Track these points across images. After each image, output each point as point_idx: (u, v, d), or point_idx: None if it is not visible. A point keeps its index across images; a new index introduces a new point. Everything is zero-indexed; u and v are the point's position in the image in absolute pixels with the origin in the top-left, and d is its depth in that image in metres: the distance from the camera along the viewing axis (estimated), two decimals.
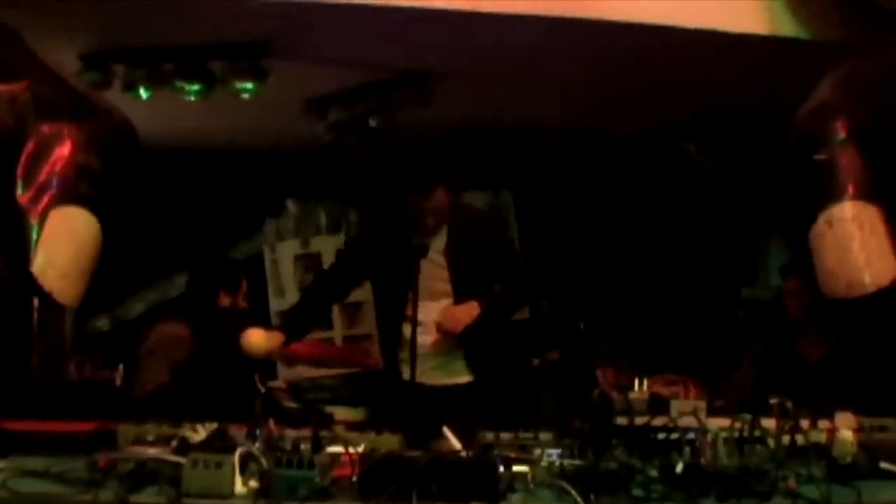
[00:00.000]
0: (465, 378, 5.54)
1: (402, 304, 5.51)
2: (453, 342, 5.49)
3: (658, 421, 4.12)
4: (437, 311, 5.48)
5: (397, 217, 5.58)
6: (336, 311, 8.29)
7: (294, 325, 5.83)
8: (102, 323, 9.30)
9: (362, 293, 6.31)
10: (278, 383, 6.36)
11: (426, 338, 5.46)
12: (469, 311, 5.46)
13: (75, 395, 6.00)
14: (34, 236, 5.93)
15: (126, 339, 8.47)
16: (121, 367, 6.51)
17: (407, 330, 5.46)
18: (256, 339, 5.53)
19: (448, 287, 5.54)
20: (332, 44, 6.99)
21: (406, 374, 5.45)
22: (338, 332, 8.29)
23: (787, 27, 6.43)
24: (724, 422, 3.88)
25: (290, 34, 6.84)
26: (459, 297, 5.52)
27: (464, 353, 5.54)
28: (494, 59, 7.14)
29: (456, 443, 3.74)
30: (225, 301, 6.30)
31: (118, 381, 6.50)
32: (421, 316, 5.43)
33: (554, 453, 3.59)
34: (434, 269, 5.51)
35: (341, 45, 7.00)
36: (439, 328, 5.46)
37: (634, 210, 9.35)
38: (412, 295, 5.26)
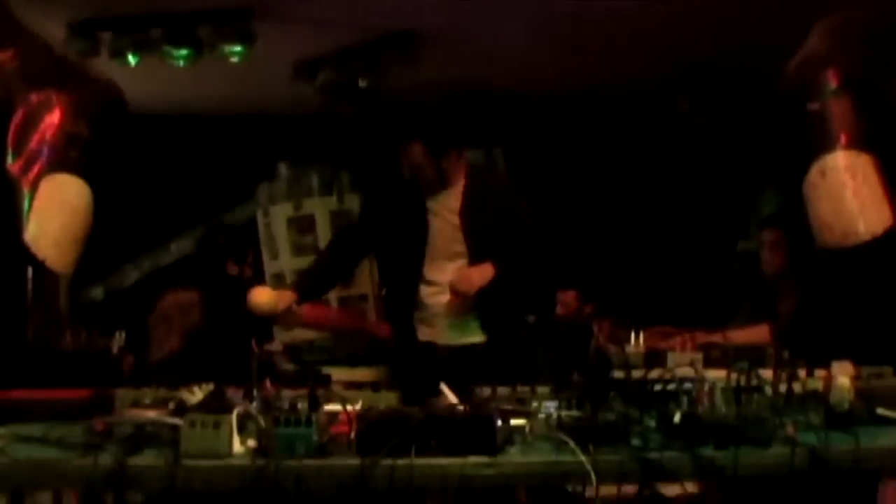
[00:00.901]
0: (478, 338, 5.54)
1: (415, 264, 5.53)
2: (467, 303, 5.49)
3: (655, 374, 4.12)
4: (452, 272, 5.48)
5: (397, 176, 5.58)
6: None
7: (310, 285, 5.83)
8: (97, 292, 9.30)
9: None
10: (275, 346, 6.36)
11: (440, 298, 5.47)
12: (483, 273, 5.43)
13: (72, 363, 6.00)
14: (26, 205, 5.92)
15: (122, 307, 8.50)
16: (117, 334, 6.50)
17: (422, 290, 5.49)
18: (265, 296, 5.52)
19: (463, 248, 5.53)
20: (319, 6, 6.96)
21: (422, 335, 5.49)
22: (333, 293, 8.28)
23: None
24: (721, 373, 3.88)
25: None
26: (474, 258, 5.49)
27: (477, 314, 5.53)
28: (484, 18, 7.12)
29: (453, 398, 3.74)
30: (233, 270, 6.34)
31: (114, 350, 6.49)
32: (436, 276, 5.46)
33: (551, 406, 3.58)
34: (449, 230, 5.51)
35: (329, 6, 6.97)
36: (452, 289, 5.45)
37: (628, 166, 9.34)
38: (426, 255, 5.39)
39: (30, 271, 5.93)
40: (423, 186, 5.51)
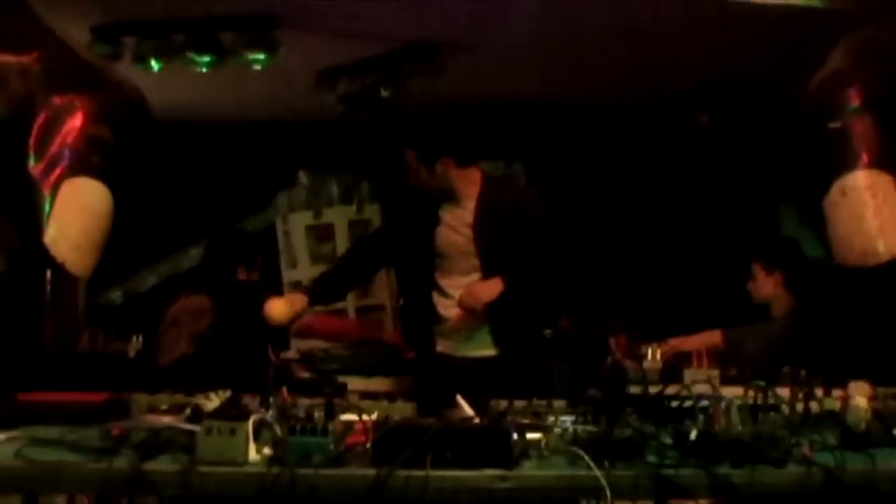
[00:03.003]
0: (491, 351, 5.54)
1: (430, 276, 5.56)
2: (478, 317, 5.49)
3: (671, 390, 4.12)
4: (466, 285, 5.50)
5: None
6: None
7: (324, 289, 5.85)
8: (115, 295, 9.33)
9: None
10: (291, 354, 6.38)
11: (455, 310, 5.48)
12: (490, 289, 5.43)
13: (88, 366, 6.02)
14: (46, 208, 5.93)
15: (139, 311, 8.52)
16: (134, 338, 6.53)
17: (440, 303, 5.51)
18: (279, 308, 5.55)
19: (477, 261, 5.54)
20: (342, 15, 6.97)
21: (440, 347, 5.52)
22: (350, 303, 8.30)
23: None
24: (738, 391, 3.88)
25: (300, 5, 6.83)
26: (488, 272, 5.49)
27: (490, 327, 5.53)
28: (506, 30, 7.13)
29: (469, 410, 3.74)
30: (242, 276, 6.36)
31: (131, 353, 6.52)
32: (451, 289, 5.48)
33: (567, 420, 3.58)
34: (464, 243, 5.52)
35: (352, 16, 6.99)
36: (461, 304, 5.46)
37: (647, 180, 9.33)
38: (443, 267, 5.46)
39: (48, 274, 5.94)
40: (430, 195, 5.53)
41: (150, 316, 6.72)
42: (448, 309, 5.53)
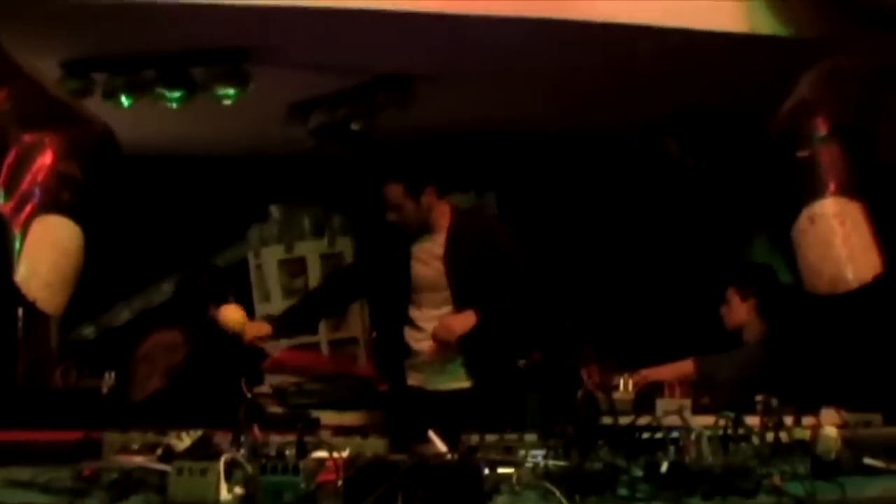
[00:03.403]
0: (465, 383, 5.54)
1: (402, 310, 5.57)
2: (452, 349, 5.49)
3: (643, 420, 4.13)
4: (438, 318, 5.50)
5: (385, 220, 5.60)
6: None
7: (291, 321, 5.87)
8: (88, 331, 9.29)
9: None
10: (264, 388, 6.37)
11: (427, 344, 5.49)
12: (464, 322, 5.45)
13: (61, 403, 6.00)
14: (17, 246, 5.92)
15: (112, 347, 8.49)
16: (107, 375, 6.51)
17: (411, 337, 5.52)
18: (231, 314, 5.58)
19: (448, 294, 5.55)
20: (312, 48, 6.99)
21: (411, 380, 5.52)
22: (323, 337, 8.29)
23: (766, 25, 6.46)
24: (710, 420, 3.89)
25: (270, 39, 6.84)
26: (459, 304, 5.51)
27: (463, 360, 5.54)
28: (476, 61, 7.16)
29: (441, 446, 3.74)
30: (214, 311, 6.35)
31: (104, 390, 6.50)
32: (423, 322, 5.49)
33: (539, 454, 3.59)
34: (434, 276, 5.54)
35: (322, 50, 7.00)
36: (434, 337, 5.47)
37: (618, 210, 9.36)
38: (414, 301, 5.48)
39: (20, 311, 5.93)
40: (408, 230, 5.53)
41: (124, 351, 6.70)
42: (420, 342, 5.54)
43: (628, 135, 8.50)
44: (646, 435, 3.82)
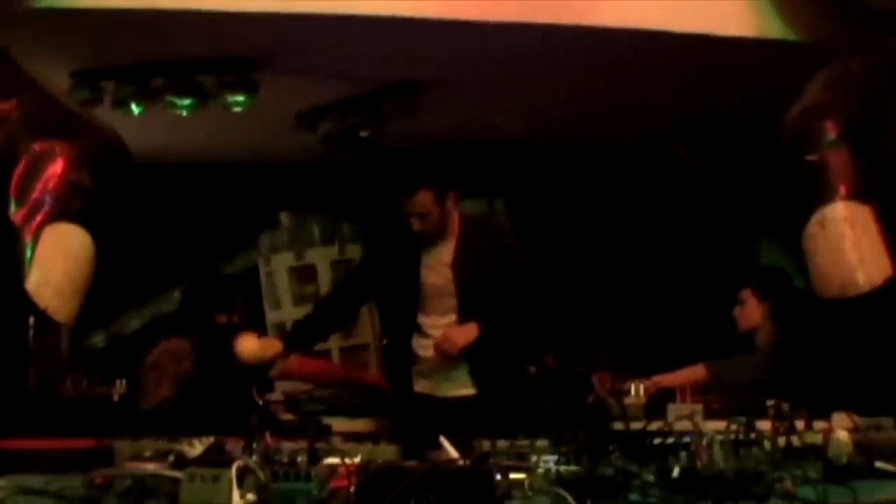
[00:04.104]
0: (469, 390, 5.55)
1: (410, 316, 5.56)
2: (455, 357, 5.50)
3: (655, 425, 4.13)
4: (445, 326, 5.51)
5: (398, 227, 5.59)
6: None
7: (300, 335, 5.87)
8: (98, 339, 9.30)
9: None
10: (275, 396, 6.38)
11: (431, 351, 5.50)
12: (466, 334, 5.47)
13: (72, 411, 6.01)
14: (28, 254, 5.94)
15: (123, 354, 8.50)
16: (118, 383, 6.52)
17: (418, 343, 5.52)
18: (249, 345, 5.57)
19: (455, 302, 5.55)
20: (321, 56, 6.99)
21: (418, 387, 5.52)
22: (334, 343, 8.28)
23: (774, 29, 6.44)
24: (721, 424, 3.89)
25: (279, 48, 6.85)
26: (464, 312, 5.52)
27: (468, 367, 5.54)
28: (485, 68, 7.16)
29: (453, 452, 3.74)
30: (221, 319, 6.34)
31: (115, 397, 6.51)
32: (430, 329, 5.50)
33: (550, 460, 3.59)
34: (442, 283, 5.54)
35: (331, 58, 7.01)
36: (436, 349, 5.48)
37: (628, 215, 9.35)
38: (421, 307, 5.47)
39: (31, 319, 5.94)
40: (428, 237, 5.53)
41: (135, 359, 6.71)
42: (426, 349, 5.55)
43: (637, 140, 8.50)
44: (657, 440, 3.82)
